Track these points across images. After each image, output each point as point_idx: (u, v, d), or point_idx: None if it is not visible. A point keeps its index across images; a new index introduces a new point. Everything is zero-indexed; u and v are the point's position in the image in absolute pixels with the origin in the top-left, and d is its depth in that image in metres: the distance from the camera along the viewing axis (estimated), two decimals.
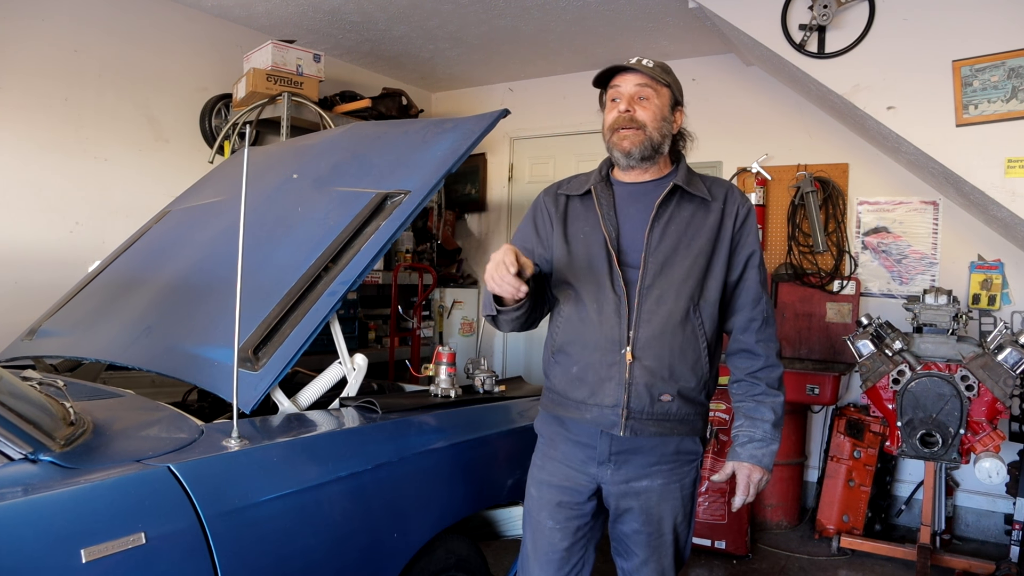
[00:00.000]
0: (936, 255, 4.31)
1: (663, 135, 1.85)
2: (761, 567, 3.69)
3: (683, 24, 4.39)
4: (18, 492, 1.28)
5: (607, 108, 1.89)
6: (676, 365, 1.78)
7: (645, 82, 1.83)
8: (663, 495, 1.84)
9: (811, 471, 4.51)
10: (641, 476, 1.83)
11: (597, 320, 1.80)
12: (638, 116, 1.82)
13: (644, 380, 1.76)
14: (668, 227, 1.82)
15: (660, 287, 1.78)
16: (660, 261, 1.79)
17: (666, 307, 1.78)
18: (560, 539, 1.86)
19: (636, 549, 1.88)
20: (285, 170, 2.74)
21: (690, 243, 1.81)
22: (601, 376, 1.79)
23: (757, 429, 1.86)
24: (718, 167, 4.97)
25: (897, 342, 3.44)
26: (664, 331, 1.77)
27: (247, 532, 1.53)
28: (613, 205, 1.88)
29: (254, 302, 2.02)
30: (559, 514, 1.87)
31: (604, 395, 1.78)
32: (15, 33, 3.60)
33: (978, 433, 3.29)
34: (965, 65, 3.23)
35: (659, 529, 1.86)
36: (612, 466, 1.83)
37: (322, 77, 4.43)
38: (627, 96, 1.84)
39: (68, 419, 1.59)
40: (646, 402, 1.76)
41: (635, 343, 1.76)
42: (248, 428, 1.79)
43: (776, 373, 1.89)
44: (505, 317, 1.84)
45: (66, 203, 3.80)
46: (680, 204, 1.86)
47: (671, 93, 1.88)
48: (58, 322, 2.63)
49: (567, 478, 1.87)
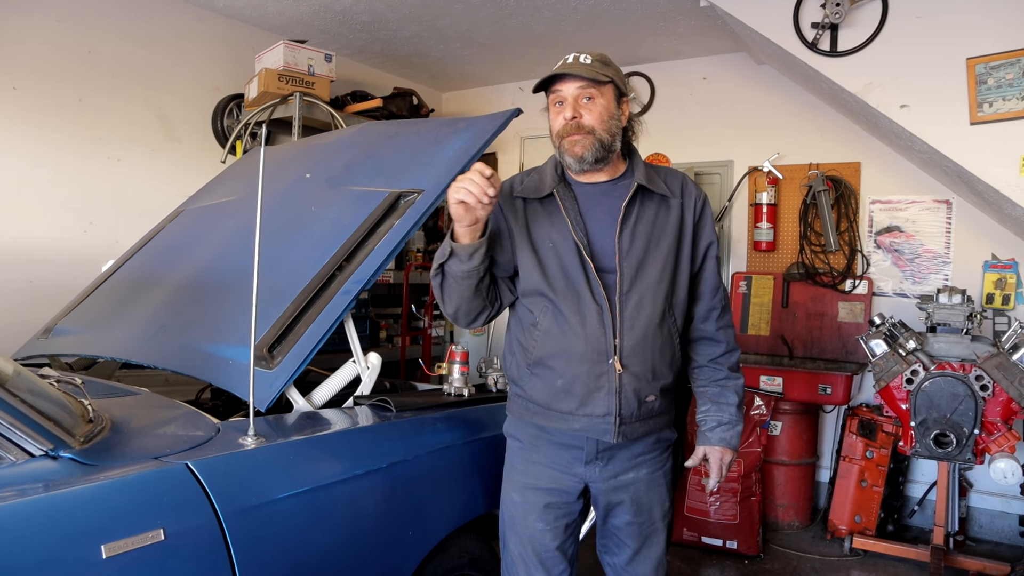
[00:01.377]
0: (949, 254, 4.29)
1: (612, 134, 1.79)
2: (773, 567, 3.68)
3: (694, 23, 4.38)
4: (39, 488, 1.29)
5: (552, 113, 1.83)
6: (657, 365, 1.81)
7: (586, 83, 1.77)
8: (649, 484, 1.90)
9: (823, 471, 4.49)
10: (627, 469, 1.87)
11: (582, 331, 1.77)
12: (585, 121, 1.76)
13: (632, 386, 1.77)
14: (636, 229, 1.81)
15: (638, 292, 1.79)
16: (635, 265, 1.79)
17: (646, 312, 1.78)
18: (551, 539, 1.87)
19: (628, 541, 1.90)
20: (298, 170, 2.75)
21: (659, 243, 1.82)
22: (590, 387, 1.77)
23: (724, 413, 1.93)
24: (729, 166, 4.96)
25: (911, 342, 3.42)
26: (646, 335, 1.78)
27: (264, 529, 1.54)
28: (579, 209, 1.83)
29: (268, 301, 2.03)
30: (548, 515, 1.87)
31: (594, 405, 1.77)
32: (30, 34, 3.62)
33: (993, 433, 3.27)
34: (979, 63, 3.21)
35: (650, 517, 1.90)
36: (600, 464, 1.85)
37: (333, 77, 4.44)
38: (571, 100, 1.78)
39: (87, 416, 1.60)
40: (634, 406, 1.79)
41: (622, 351, 1.76)
42: (264, 426, 1.80)
43: (735, 357, 1.97)
44: (456, 268, 1.72)
45: (80, 203, 3.83)
46: (644, 203, 1.84)
47: (614, 87, 1.81)
48: (73, 321, 2.65)
49: (554, 480, 1.87)
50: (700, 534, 3.82)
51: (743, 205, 4.89)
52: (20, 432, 1.37)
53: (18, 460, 1.36)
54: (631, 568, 1.92)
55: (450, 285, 1.79)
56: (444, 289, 1.81)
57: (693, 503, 3.83)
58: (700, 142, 5.01)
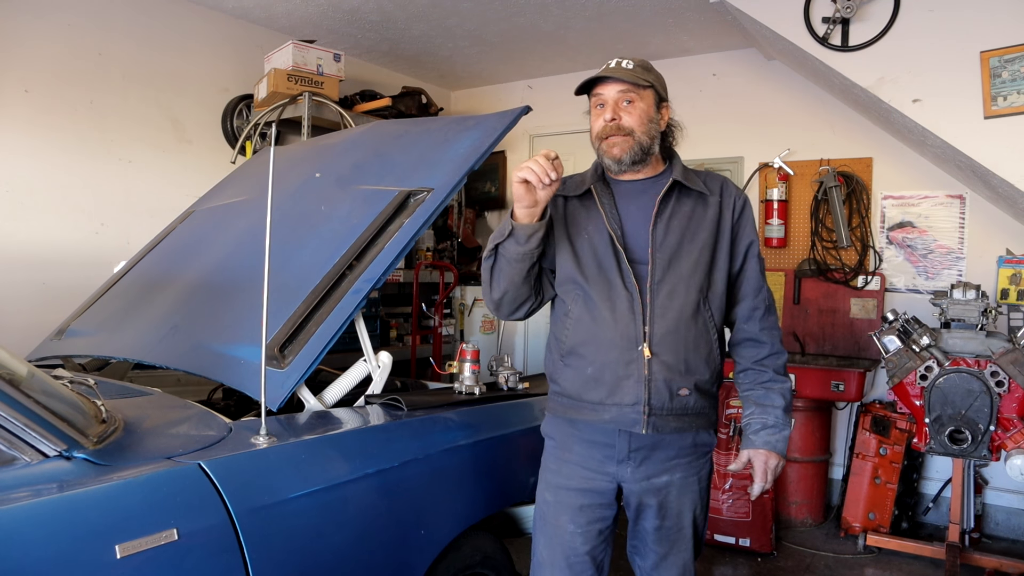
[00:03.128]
0: (963, 250, 4.25)
1: (651, 137, 1.84)
2: (786, 565, 3.66)
3: (704, 19, 4.36)
4: (53, 488, 1.30)
5: (593, 115, 1.88)
6: (691, 358, 1.79)
7: (627, 87, 1.81)
8: (682, 489, 1.85)
9: (836, 468, 4.47)
10: (661, 472, 1.83)
11: (611, 318, 1.78)
12: (624, 123, 1.81)
13: (663, 376, 1.76)
14: (671, 222, 1.82)
15: (670, 282, 1.79)
16: (667, 256, 1.80)
17: (678, 301, 1.78)
18: (581, 543, 1.84)
19: (655, 546, 1.87)
20: (308, 169, 2.75)
21: (694, 237, 1.82)
22: (619, 375, 1.77)
23: (769, 416, 1.87)
24: (740, 162, 4.94)
25: (924, 338, 3.39)
26: (678, 325, 1.77)
27: (276, 528, 1.54)
28: (614, 203, 1.87)
29: (279, 300, 2.03)
30: (580, 518, 1.85)
31: (623, 394, 1.77)
32: (41, 38, 3.65)
33: (1009, 430, 3.24)
34: (993, 56, 3.17)
35: (679, 523, 1.86)
36: (632, 464, 1.82)
37: (342, 76, 4.45)
38: (611, 103, 1.83)
39: (100, 417, 1.61)
40: (665, 398, 1.76)
41: (651, 339, 1.76)
42: (276, 426, 1.80)
43: (782, 360, 1.92)
44: (512, 250, 1.75)
45: (92, 204, 3.85)
46: (680, 199, 1.85)
47: (655, 92, 1.86)
48: (86, 322, 2.66)
49: (586, 480, 1.85)
50: (713, 532, 3.80)
51: (754, 202, 4.86)
52: (34, 433, 1.37)
53: (33, 461, 1.36)
54: (656, 573, 1.90)
55: (502, 268, 1.81)
56: (495, 272, 1.83)
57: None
58: (710, 139, 4.99)
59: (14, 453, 1.36)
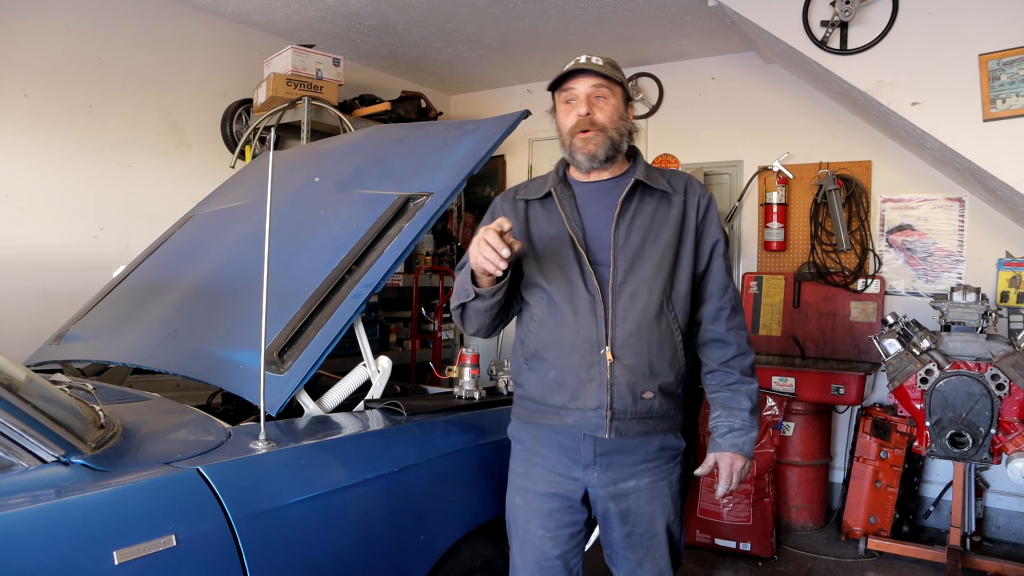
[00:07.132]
0: (962, 252, 4.25)
1: (621, 134, 1.84)
2: (787, 569, 3.65)
3: (702, 23, 4.36)
4: (51, 494, 1.29)
5: (562, 111, 1.86)
6: (655, 361, 1.77)
7: (600, 82, 1.80)
8: (652, 494, 1.83)
9: (836, 472, 4.46)
10: (628, 477, 1.81)
11: (573, 321, 1.77)
12: (597, 118, 1.80)
13: (626, 379, 1.74)
14: (633, 222, 1.81)
15: (632, 283, 1.77)
16: (630, 257, 1.78)
17: (640, 303, 1.76)
18: (552, 547, 1.83)
19: (627, 553, 1.85)
20: (307, 174, 2.75)
21: (657, 237, 1.81)
22: (581, 378, 1.76)
23: (736, 418, 1.86)
24: (739, 166, 4.93)
25: (925, 341, 3.39)
26: (640, 327, 1.76)
27: (275, 534, 1.53)
28: (575, 205, 1.86)
29: (278, 305, 2.03)
30: (550, 522, 1.83)
31: (586, 398, 1.75)
32: (41, 42, 3.64)
33: (1010, 433, 3.24)
34: (992, 59, 3.18)
35: (651, 529, 1.83)
36: (598, 469, 1.80)
37: (341, 81, 4.45)
38: (584, 97, 1.81)
39: (98, 422, 1.60)
40: (629, 401, 1.75)
41: (614, 341, 1.74)
42: (275, 431, 1.80)
43: (748, 360, 1.90)
44: (479, 305, 1.77)
45: (91, 209, 3.85)
46: (643, 199, 1.84)
47: (623, 90, 1.86)
48: (85, 327, 2.66)
49: (553, 484, 1.84)
50: (713, 536, 3.79)
51: (753, 205, 4.87)
52: (32, 438, 1.37)
53: (30, 466, 1.36)
54: None
55: (470, 316, 1.84)
56: (465, 319, 1.86)
57: (706, 505, 3.81)
58: (709, 142, 4.99)
59: (11, 459, 1.35)
